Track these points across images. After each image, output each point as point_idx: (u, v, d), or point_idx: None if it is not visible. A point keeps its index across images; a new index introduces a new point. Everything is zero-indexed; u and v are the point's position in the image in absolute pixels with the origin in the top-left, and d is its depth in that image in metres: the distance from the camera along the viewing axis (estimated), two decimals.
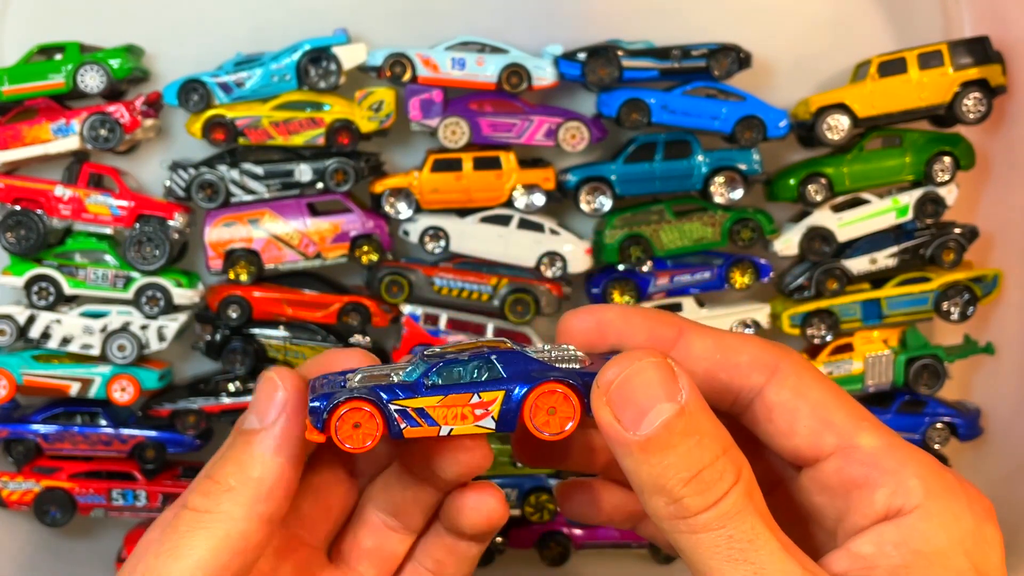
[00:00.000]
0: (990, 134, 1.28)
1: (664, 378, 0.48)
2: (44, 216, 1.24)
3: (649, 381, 0.48)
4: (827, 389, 0.53)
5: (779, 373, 0.53)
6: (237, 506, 0.50)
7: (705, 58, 1.23)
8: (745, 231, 1.28)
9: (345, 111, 1.24)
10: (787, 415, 0.53)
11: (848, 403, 0.53)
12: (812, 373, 0.54)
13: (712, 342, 0.54)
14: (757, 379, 0.53)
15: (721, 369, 0.54)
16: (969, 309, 1.29)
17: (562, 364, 0.52)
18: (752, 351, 0.54)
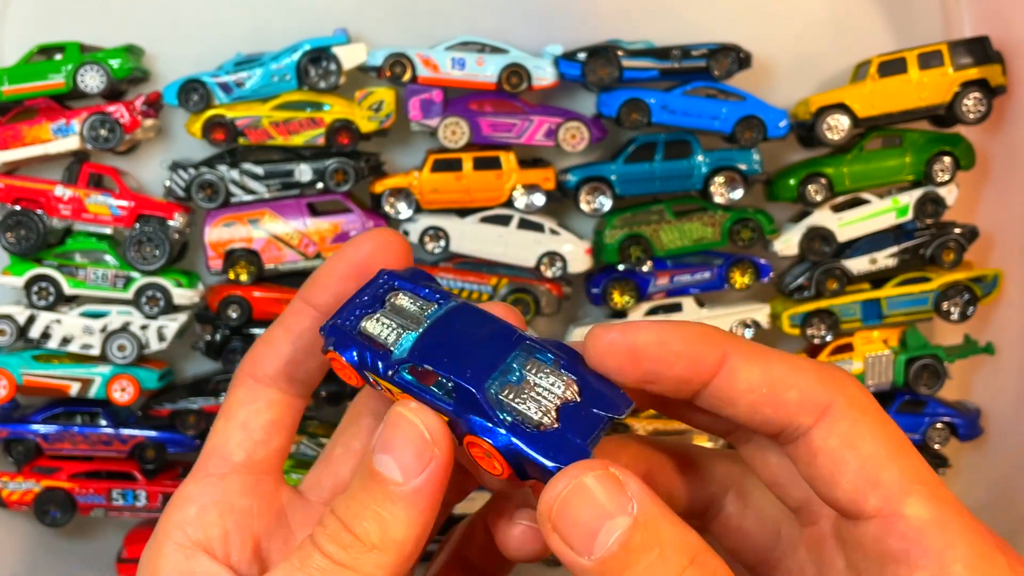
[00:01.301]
0: (990, 134, 1.28)
1: (610, 491, 0.42)
2: (44, 216, 1.24)
3: (592, 498, 0.42)
4: (883, 440, 0.46)
5: (830, 415, 0.46)
6: (380, 569, 0.46)
7: (705, 58, 1.23)
8: (745, 231, 1.28)
9: (345, 111, 1.24)
10: (832, 465, 0.46)
11: (905, 459, 0.46)
12: (869, 418, 0.46)
13: (760, 372, 0.47)
14: (805, 419, 0.47)
15: (767, 404, 0.47)
16: (969, 309, 1.29)
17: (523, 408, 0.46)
18: (803, 387, 0.47)
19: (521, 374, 0.47)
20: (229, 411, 0.54)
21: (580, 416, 0.45)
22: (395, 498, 0.46)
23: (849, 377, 0.48)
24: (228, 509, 0.51)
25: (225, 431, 0.53)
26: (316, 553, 0.46)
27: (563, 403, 0.46)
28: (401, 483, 0.46)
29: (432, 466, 0.46)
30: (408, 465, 0.46)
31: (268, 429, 0.53)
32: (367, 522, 0.46)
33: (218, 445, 0.53)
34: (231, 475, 0.52)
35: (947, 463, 1.33)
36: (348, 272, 0.53)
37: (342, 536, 0.46)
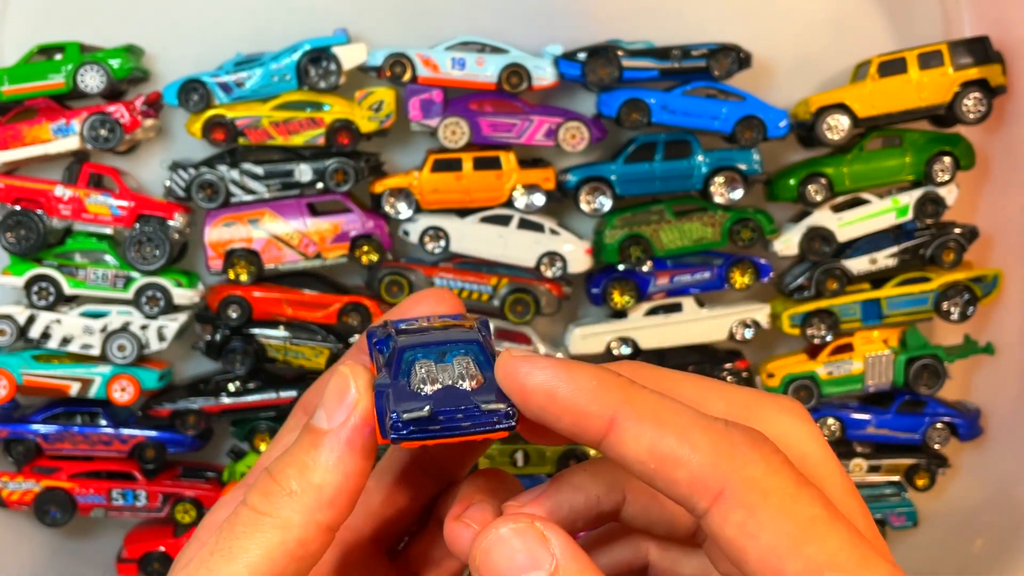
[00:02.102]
0: (990, 134, 1.28)
1: (529, 545, 0.42)
2: (44, 216, 1.24)
3: (512, 552, 0.42)
4: (787, 526, 0.40)
5: (724, 500, 0.41)
6: (296, 513, 0.46)
7: (705, 58, 1.23)
8: (745, 231, 1.28)
9: (345, 111, 1.24)
10: (734, 553, 0.41)
11: (815, 543, 0.40)
12: (772, 501, 0.41)
13: (647, 443, 0.42)
14: (699, 502, 0.42)
15: (657, 479, 0.43)
16: (969, 309, 1.29)
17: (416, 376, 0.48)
18: (693, 466, 0.42)
19: (448, 360, 0.48)
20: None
21: (456, 398, 0.46)
22: (317, 444, 0.47)
23: (752, 444, 0.42)
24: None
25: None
26: (242, 508, 0.47)
27: (451, 385, 0.47)
28: (325, 429, 0.47)
29: (355, 413, 0.47)
30: (332, 411, 0.48)
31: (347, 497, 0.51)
32: (289, 468, 0.47)
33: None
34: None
35: (947, 463, 1.33)
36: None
37: (265, 483, 0.47)
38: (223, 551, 0.46)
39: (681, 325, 1.30)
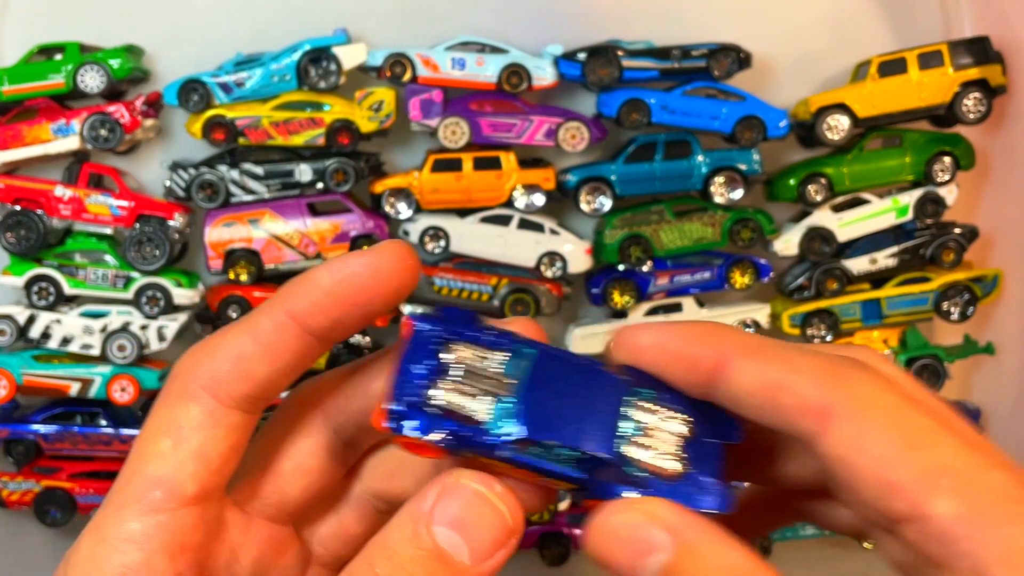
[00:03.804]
0: (990, 134, 1.28)
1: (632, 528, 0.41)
2: (44, 216, 1.24)
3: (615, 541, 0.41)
4: (895, 435, 0.40)
5: (832, 420, 0.41)
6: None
7: (705, 58, 1.23)
8: (745, 231, 1.28)
9: (345, 111, 1.24)
10: (847, 475, 0.41)
11: (925, 450, 0.40)
12: (877, 413, 0.41)
13: (756, 375, 0.43)
14: (809, 426, 0.42)
15: (767, 410, 0.43)
16: (969, 309, 1.29)
17: (653, 460, 0.43)
18: (799, 390, 0.42)
19: (636, 422, 0.44)
20: (179, 432, 0.45)
21: (702, 450, 0.43)
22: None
23: (856, 367, 0.42)
24: (180, 550, 0.44)
25: (176, 458, 0.44)
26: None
27: (684, 442, 0.44)
28: (470, 567, 0.42)
29: (505, 552, 0.42)
30: (482, 551, 0.42)
31: (227, 455, 0.45)
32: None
33: (166, 476, 0.44)
34: (182, 510, 0.44)
35: None
36: (351, 295, 0.46)
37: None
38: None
39: None
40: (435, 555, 0.41)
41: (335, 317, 0.45)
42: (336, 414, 0.47)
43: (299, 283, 0.45)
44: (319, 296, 0.44)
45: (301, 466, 0.48)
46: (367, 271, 0.45)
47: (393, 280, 0.46)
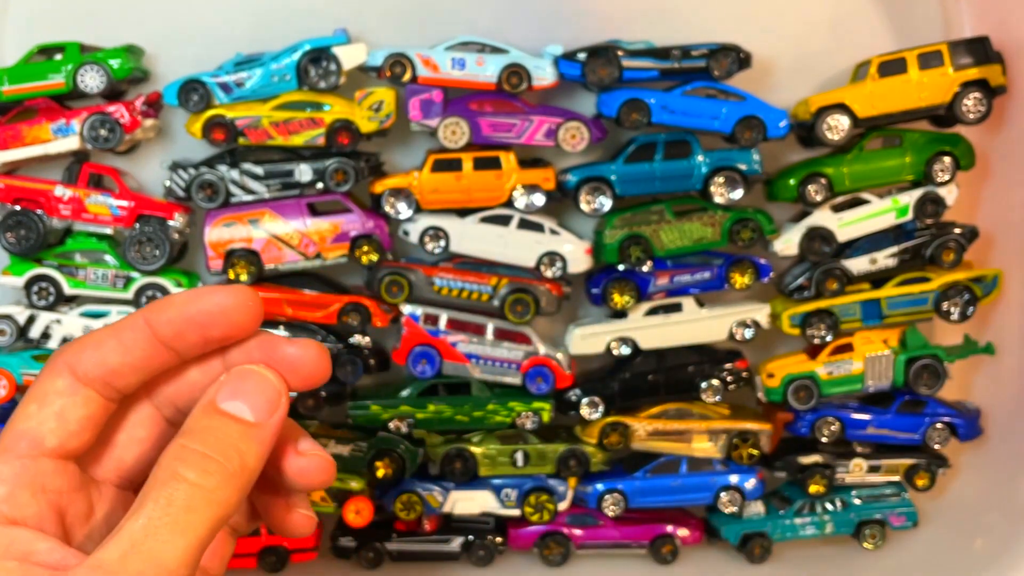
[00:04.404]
0: (990, 134, 1.28)
1: None
2: (44, 216, 1.24)
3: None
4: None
5: None
6: (237, 492, 0.55)
7: (705, 58, 1.23)
8: (745, 231, 1.28)
9: (345, 111, 1.24)
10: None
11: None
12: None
13: None
14: None
15: None
16: (969, 309, 1.29)
17: None
18: None
19: None
20: (44, 397, 0.56)
21: None
22: (250, 435, 0.56)
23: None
24: (40, 491, 0.54)
25: (39, 417, 0.56)
26: (182, 485, 0.52)
27: None
28: (254, 423, 0.56)
29: (280, 411, 0.56)
30: (261, 409, 0.56)
31: (83, 423, 0.56)
32: (229, 453, 0.54)
33: (30, 429, 0.56)
34: (43, 459, 0.55)
35: (947, 463, 1.33)
36: (196, 317, 0.57)
37: (207, 465, 0.53)
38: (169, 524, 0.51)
39: (681, 325, 1.30)
40: (226, 419, 0.55)
41: (181, 332, 0.57)
42: (162, 401, 0.60)
43: (163, 300, 0.58)
44: (173, 313, 0.57)
45: (133, 438, 0.60)
46: (215, 307, 0.58)
47: (233, 318, 0.58)
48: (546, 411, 1.29)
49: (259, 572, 1.29)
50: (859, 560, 1.34)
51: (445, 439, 1.30)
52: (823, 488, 1.32)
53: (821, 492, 1.32)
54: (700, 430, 1.31)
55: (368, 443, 1.29)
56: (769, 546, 1.33)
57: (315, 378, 0.60)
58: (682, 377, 1.30)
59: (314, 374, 0.59)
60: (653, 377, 1.30)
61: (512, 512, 1.31)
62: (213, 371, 0.61)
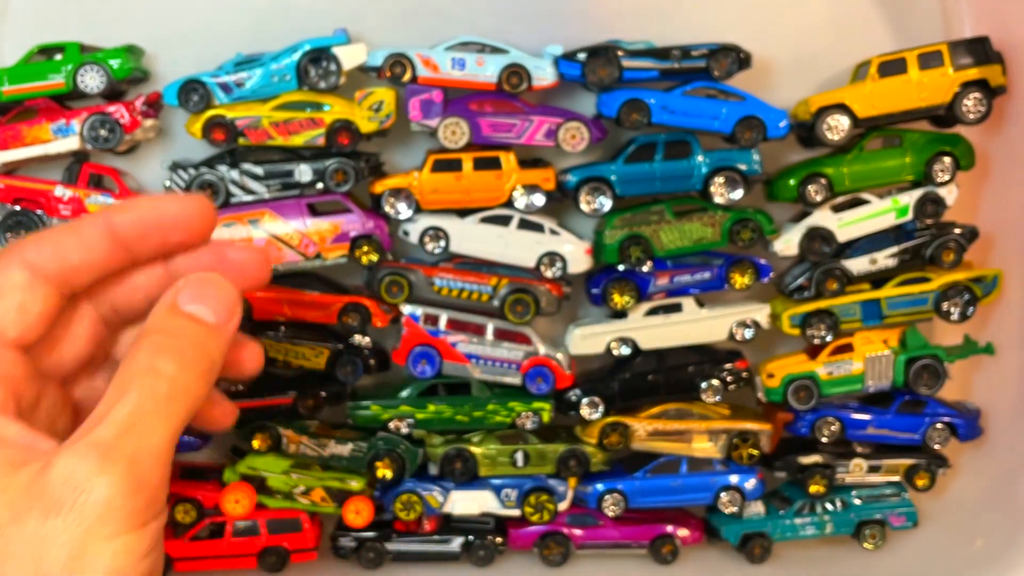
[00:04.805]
0: (990, 134, 1.28)
1: None
2: (44, 216, 1.24)
3: None
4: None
5: None
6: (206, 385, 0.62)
7: (705, 58, 1.23)
8: (745, 231, 1.28)
9: (345, 111, 1.24)
10: None
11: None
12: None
13: None
14: None
15: None
16: (969, 309, 1.29)
17: None
18: None
19: None
20: (3, 291, 0.60)
21: None
22: (214, 336, 0.62)
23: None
24: (2, 379, 0.59)
25: (1, 308, 0.60)
26: (162, 378, 0.58)
27: None
28: (215, 323, 0.62)
29: (237, 316, 0.63)
30: (221, 312, 0.62)
31: (40, 316, 0.61)
32: (200, 351, 0.61)
33: None
34: (4, 349, 0.60)
35: (947, 463, 1.33)
36: (159, 221, 0.63)
37: (183, 361, 0.59)
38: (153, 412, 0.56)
39: (681, 325, 1.30)
40: (191, 321, 0.61)
41: (143, 235, 0.62)
42: (102, 301, 0.65)
43: (126, 203, 0.62)
44: (135, 216, 0.62)
45: (73, 335, 0.65)
46: (178, 213, 0.63)
47: (193, 225, 0.64)
48: (546, 411, 1.29)
49: (259, 572, 1.29)
50: (859, 560, 1.34)
51: (445, 439, 1.30)
52: (823, 488, 1.32)
53: (821, 492, 1.32)
54: (700, 430, 1.31)
55: (368, 443, 1.29)
56: (769, 546, 1.33)
57: (258, 279, 0.67)
58: (682, 377, 1.30)
59: (257, 275, 0.67)
60: (653, 377, 1.30)
61: (512, 512, 1.31)
62: (155, 276, 0.66)
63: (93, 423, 0.55)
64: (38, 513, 0.51)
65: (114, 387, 0.57)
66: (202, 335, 0.61)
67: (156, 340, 0.60)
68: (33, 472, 0.52)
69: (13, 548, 0.50)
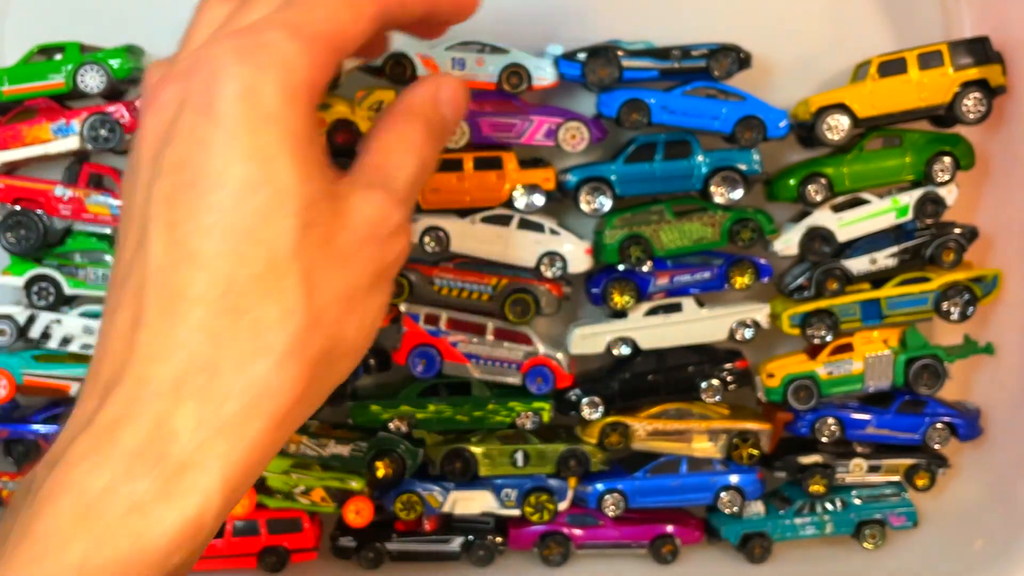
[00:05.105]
0: (990, 134, 1.28)
1: None
2: (44, 216, 1.24)
3: None
4: None
5: None
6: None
7: (705, 58, 1.23)
8: (745, 231, 1.28)
9: (345, 111, 1.24)
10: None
11: None
12: None
13: None
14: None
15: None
16: (969, 309, 1.29)
17: None
18: None
19: None
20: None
21: None
22: (443, 143, 0.73)
23: None
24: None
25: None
26: (424, 166, 0.69)
27: None
28: (450, 121, 0.77)
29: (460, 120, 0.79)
30: (458, 115, 0.78)
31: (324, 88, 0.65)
32: (433, 152, 0.71)
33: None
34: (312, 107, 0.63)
35: (947, 463, 1.33)
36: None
37: (430, 154, 0.69)
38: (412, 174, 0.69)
39: (681, 325, 1.30)
40: (441, 122, 0.72)
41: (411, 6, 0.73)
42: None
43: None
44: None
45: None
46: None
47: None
48: (546, 411, 1.29)
49: (259, 572, 1.29)
50: (859, 560, 1.34)
51: (445, 439, 1.30)
52: (823, 488, 1.32)
53: (821, 492, 1.32)
54: (700, 430, 1.31)
55: (368, 443, 1.29)
56: (769, 546, 1.33)
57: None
58: (682, 377, 1.30)
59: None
60: (653, 377, 1.30)
61: (512, 512, 1.31)
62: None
63: (385, 170, 0.63)
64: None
65: (401, 144, 0.64)
66: (441, 142, 0.69)
67: (423, 125, 0.68)
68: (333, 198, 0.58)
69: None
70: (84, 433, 0.50)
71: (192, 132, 0.55)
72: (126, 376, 0.51)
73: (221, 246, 0.50)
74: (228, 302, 0.50)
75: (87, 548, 0.46)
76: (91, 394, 0.53)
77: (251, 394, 0.49)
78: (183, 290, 0.51)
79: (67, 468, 0.49)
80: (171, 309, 0.50)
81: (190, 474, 0.49)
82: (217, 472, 0.49)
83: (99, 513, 0.47)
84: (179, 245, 0.51)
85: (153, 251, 0.52)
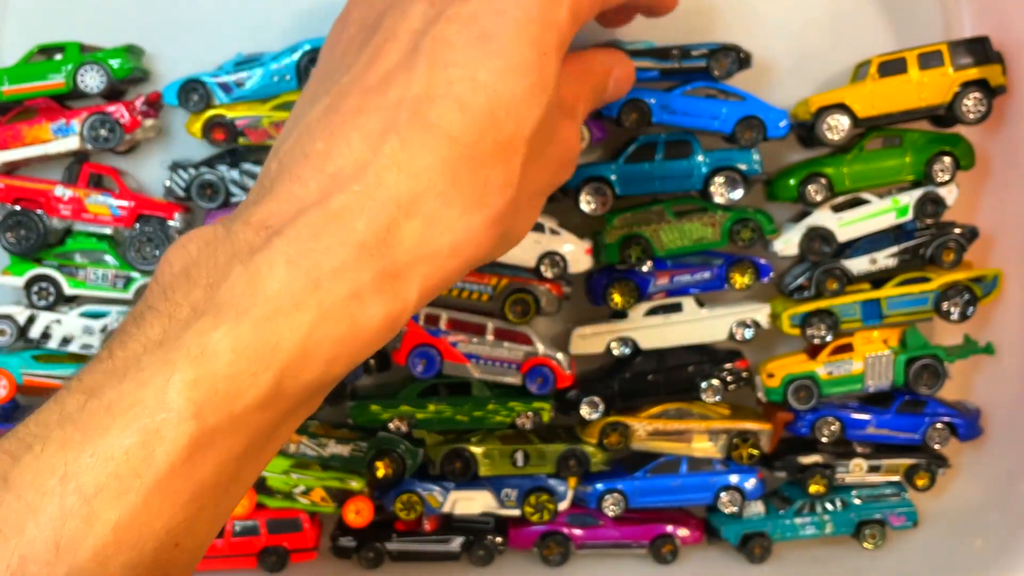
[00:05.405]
0: (990, 134, 1.28)
1: None
2: (44, 216, 1.24)
3: None
4: None
5: None
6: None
7: (705, 58, 1.23)
8: (745, 231, 1.28)
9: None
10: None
11: None
12: None
13: None
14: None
15: None
16: (969, 309, 1.29)
17: None
18: None
19: None
20: None
21: None
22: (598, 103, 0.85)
23: None
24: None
25: None
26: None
27: None
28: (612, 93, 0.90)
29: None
30: (622, 91, 0.92)
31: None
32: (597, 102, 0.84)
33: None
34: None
35: (947, 463, 1.33)
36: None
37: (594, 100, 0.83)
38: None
39: (681, 325, 1.30)
40: (609, 97, 0.88)
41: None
42: None
43: None
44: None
45: None
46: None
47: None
48: (546, 411, 1.29)
49: (259, 572, 1.29)
50: (859, 560, 1.34)
51: (445, 439, 1.30)
52: (823, 488, 1.32)
53: (821, 492, 1.32)
54: (700, 430, 1.31)
55: (368, 443, 1.29)
56: (769, 546, 1.33)
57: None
58: (682, 377, 1.30)
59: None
60: (653, 377, 1.30)
61: (512, 512, 1.31)
62: None
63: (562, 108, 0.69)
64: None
65: (569, 93, 0.71)
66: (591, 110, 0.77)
67: (590, 89, 0.75)
68: None
69: None
70: (314, 211, 0.54)
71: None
72: (366, 174, 0.55)
73: (485, 104, 0.56)
74: (473, 152, 0.56)
75: (313, 320, 0.52)
76: (310, 176, 0.58)
77: (461, 237, 0.57)
78: (440, 124, 0.56)
79: (297, 240, 0.54)
80: (425, 134, 0.56)
81: (397, 282, 0.57)
82: (416, 290, 0.58)
83: (328, 290, 0.53)
84: (448, 84, 0.57)
85: (418, 78, 0.57)
